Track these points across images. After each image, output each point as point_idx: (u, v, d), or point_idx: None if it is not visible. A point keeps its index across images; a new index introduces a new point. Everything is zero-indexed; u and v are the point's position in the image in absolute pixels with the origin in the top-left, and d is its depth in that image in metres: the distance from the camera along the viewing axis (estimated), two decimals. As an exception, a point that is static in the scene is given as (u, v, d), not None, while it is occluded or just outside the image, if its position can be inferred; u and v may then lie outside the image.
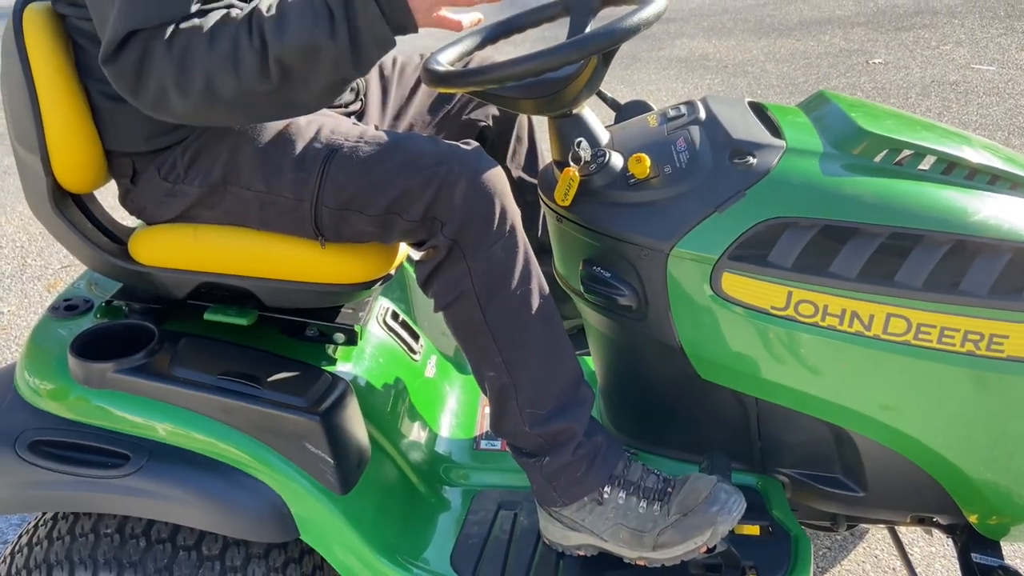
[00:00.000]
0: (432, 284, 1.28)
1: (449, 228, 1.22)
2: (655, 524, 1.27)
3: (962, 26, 5.86)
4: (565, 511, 1.31)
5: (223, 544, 1.32)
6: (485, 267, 1.23)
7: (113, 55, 1.11)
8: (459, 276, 1.24)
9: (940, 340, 1.20)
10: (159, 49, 1.09)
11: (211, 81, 1.10)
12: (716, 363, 1.32)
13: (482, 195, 1.21)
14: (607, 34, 1.20)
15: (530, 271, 1.27)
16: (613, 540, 1.30)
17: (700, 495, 1.26)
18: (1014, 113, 4.34)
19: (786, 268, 1.22)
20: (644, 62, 5.50)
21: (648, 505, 1.28)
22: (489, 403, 1.33)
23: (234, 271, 1.34)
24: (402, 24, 1.12)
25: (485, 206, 1.21)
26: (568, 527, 1.32)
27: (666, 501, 1.28)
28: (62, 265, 3.43)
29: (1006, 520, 1.35)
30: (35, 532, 1.37)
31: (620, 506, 1.29)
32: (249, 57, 1.09)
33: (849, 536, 1.98)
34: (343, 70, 1.12)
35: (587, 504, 1.30)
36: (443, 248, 1.23)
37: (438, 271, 1.26)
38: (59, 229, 1.36)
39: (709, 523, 1.23)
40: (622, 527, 1.29)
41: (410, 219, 1.23)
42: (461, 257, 1.23)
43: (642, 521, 1.28)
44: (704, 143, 1.31)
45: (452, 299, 1.26)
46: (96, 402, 1.30)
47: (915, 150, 1.27)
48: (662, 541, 1.26)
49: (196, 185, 1.29)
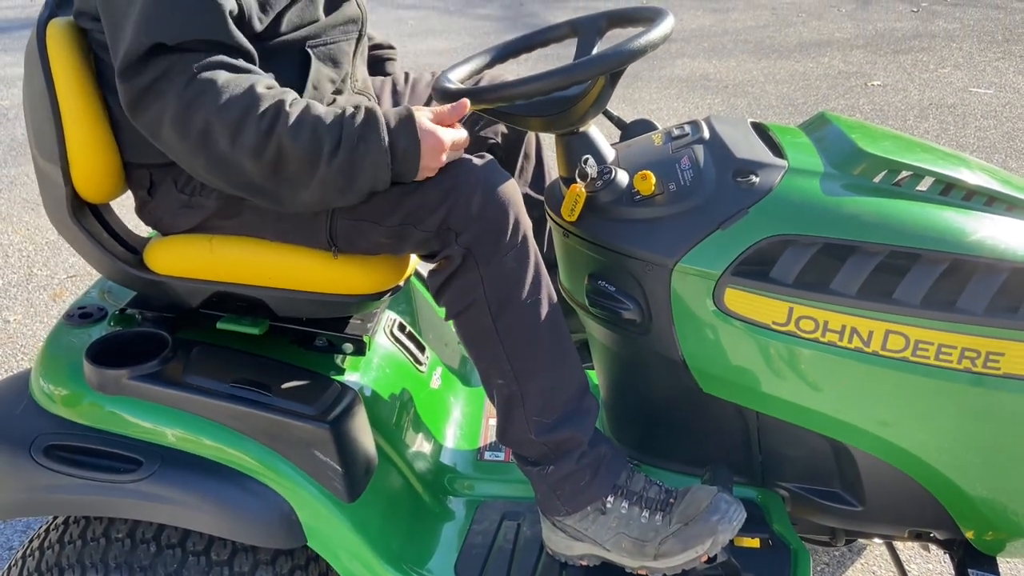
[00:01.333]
0: (445, 293, 1.30)
1: (464, 238, 1.24)
2: (657, 533, 1.29)
3: (960, 50, 5.92)
4: (569, 520, 1.33)
5: (232, 550, 1.34)
6: (497, 276, 1.25)
7: (131, 70, 1.13)
8: (472, 285, 1.26)
9: (937, 357, 1.22)
10: (174, 83, 1.12)
11: (207, 134, 1.13)
12: (718, 377, 1.34)
13: (496, 206, 1.24)
14: (615, 55, 1.23)
15: (540, 281, 1.29)
16: (615, 550, 1.31)
17: (701, 505, 1.28)
18: (1011, 136, 4.39)
19: (787, 284, 1.24)
20: (646, 81, 5.56)
21: (650, 515, 1.30)
22: (496, 411, 1.35)
23: (248, 281, 1.37)
24: (404, 173, 1.19)
25: (499, 217, 1.24)
26: (571, 537, 1.34)
27: (668, 511, 1.30)
28: (68, 275, 3.45)
29: (1002, 536, 1.37)
30: (47, 536, 1.39)
31: (623, 516, 1.31)
32: (251, 134, 1.12)
33: (847, 551, 2.00)
34: (331, 190, 1.17)
35: (590, 514, 1.32)
36: (457, 257, 1.25)
37: (452, 280, 1.28)
38: (76, 238, 1.39)
39: (710, 532, 1.25)
40: (624, 536, 1.30)
41: (425, 230, 1.26)
42: (474, 266, 1.25)
43: (644, 531, 1.30)
44: (708, 162, 1.34)
45: (464, 307, 1.29)
46: (110, 408, 1.32)
47: (913, 171, 1.30)
48: (663, 550, 1.28)
49: (214, 198, 1.32)
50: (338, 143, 1.14)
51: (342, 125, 1.15)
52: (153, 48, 1.12)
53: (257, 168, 1.15)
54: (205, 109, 1.12)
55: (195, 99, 1.12)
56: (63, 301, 3.25)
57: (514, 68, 3.05)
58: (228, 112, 1.12)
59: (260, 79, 1.17)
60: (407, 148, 1.16)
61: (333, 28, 1.35)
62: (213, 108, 1.12)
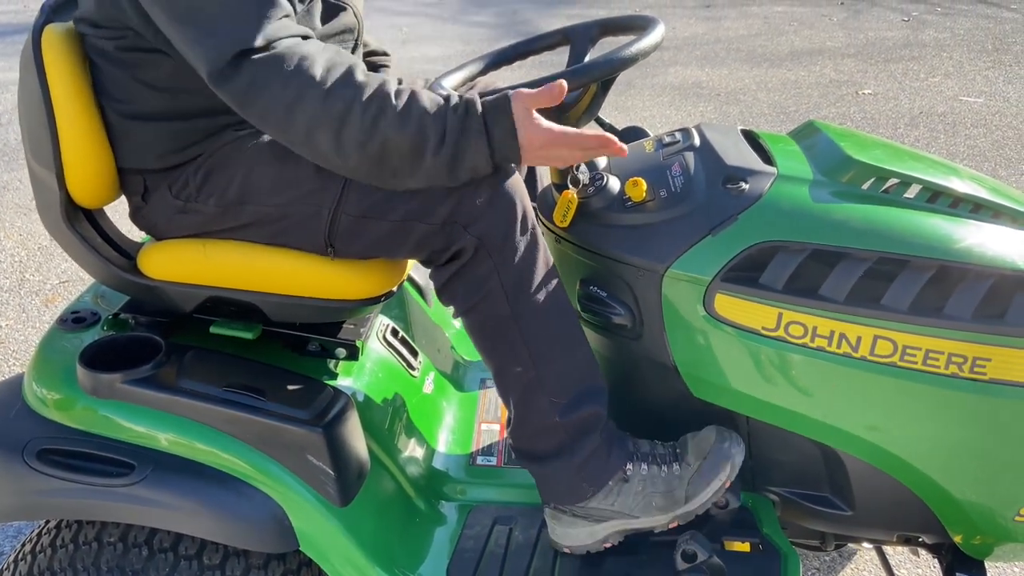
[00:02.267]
0: (454, 288, 1.30)
1: (475, 228, 1.24)
2: (681, 479, 1.34)
3: (950, 59, 5.97)
4: (592, 503, 1.35)
5: (224, 554, 1.34)
6: (511, 263, 1.26)
7: (222, 79, 1.14)
8: (485, 275, 1.26)
9: (925, 362, 1.24)
10: (272, 85, 1.13)
11: (312, 132, 1.15)
12: (708, 382, 1.35)
13: (504, 196, 1.24)
14: (607, 63, 1.24)
15: (550, 264, 1.31)
16: (645, 513, 1.35)
17: (710, 439, 1.35)
18: (1000, 144, 4.43)
19: (777, 290, 1.26)
20: (638, 89, 5.59)
21: (668, 468, 1.36)
22: (512, 407, 1.35)
23: (242, 286, 1.37)
24: (508, 158, 1.20)
25: (508, 206, 1.24)
26: (595, 520, 1.36)
27: (680, 459, 1.36)
28: (60, 280, 3.45)
29: (990, 540, 1.38)
30: (39, 540, 1.39)
31: (645, 476, 1.35)
32: (356, 129, 1.14)
33: (837, 556, 2.01)
34: (436, 179, 1.20)
35: (614, 487, 1.34)
36: (469, 249, 1.25)
37: (462, 273, 1.28)
38: (70, 243, 1.39)
39: (726, 457, 1.33)
40: (654, 495, 1.34)
41: (430, 224, 1.25)
42: (487, 256, 1.25)
43: (669, 482, 1.35)
44: (698, 168, 1.35)
45: (478, 300, 1.28)
46: (103, 412, 1.33)
47: (901, 179, 1.32)
48: (691, 491, 1.34)
49: (211, 204, 1.32)
50: (443, 136, 1.16)
51: (446, 117, 1.16)
52: (240, 53, 1.13)
53: (364, 158, 1.17)
54: (307, 108, 1.14)
55: (296, 101, 1.14)
56: (55, 306, 3.25)
57: (507, 75, 3.06)
58: (330, 110, 1.14)
59: (357, 64, 1.18)
60: (502, 137, 1.17)
61: (330, 37, 1.36)
62: (315, 107, 1.13)
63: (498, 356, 1.33)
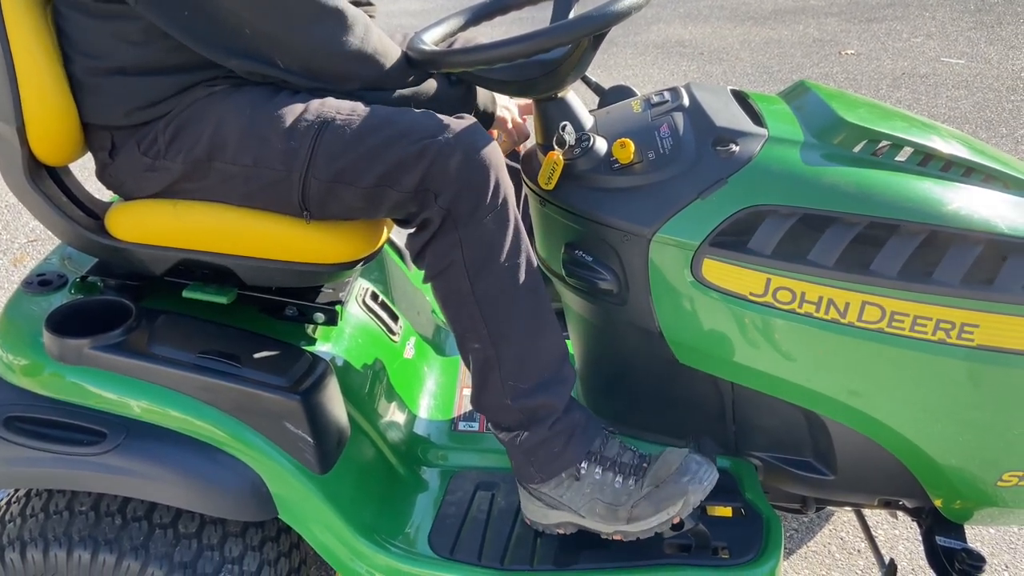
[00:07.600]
0: (424, 255, 1.29)
1: (443, 198, 1.22)
2: (629, 497, 1.29)
3: (933, 19, 5.94)
4: (544, 488, 1.33)
5: (200, 522, 1.32)
6: (476, 239, 1.24)
7: None
8: (450, 246, 1.24)
9: (913, 328, 1.23)
10: None
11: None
12: (694, 348, 1.34)
13: (477, 167, 1.21)
14: (599, 17, 1.19)
15: (520, 246, 1.27)
16: (590, 516, 1.32)
17: (672, 467, 1.28)
18: (982, 106, 4.42)
19: (765, 256, 1.23)
20: (621, 47, 5.51)
21: (624, 480, 1.30)
22: (472, 376, 1.34)
23: (215, 248, 1.33)
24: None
25: (480, 178, 1.21)
26: (548, 505, 1.34)
27: (641, 476, 1.31)
28: (28, 239, 3.36)
29: (970, 505, 1.39)
30: (7, 509, 1.35)
31: (596, 481, 1.31)
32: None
33: (816, 518, 2.03)
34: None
35: (565, 480, 1.32)
36: (436, 219, 1.23)
37: (431, 242, 1.26)
38: (34, 202, 1.33)
39: (680, 493, 1.25)
40: (598, 502, 1.31)
41: (402, 191, 1.23)
42: (453, 228, 1.23)
43: (617, 495, 1.30)
44: (687, 130, 1.32)
45: (441, 269, 1.27)
46: (72, 379, 1.29)
47: (893, 141, 1.29)
48: (636, 513, 1.28)
49: (179, 161, 1.27)
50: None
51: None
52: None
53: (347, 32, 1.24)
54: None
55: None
56: (24, 266, 3.17)
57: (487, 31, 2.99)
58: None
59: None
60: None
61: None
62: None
63: (459, 328, 1.31)
